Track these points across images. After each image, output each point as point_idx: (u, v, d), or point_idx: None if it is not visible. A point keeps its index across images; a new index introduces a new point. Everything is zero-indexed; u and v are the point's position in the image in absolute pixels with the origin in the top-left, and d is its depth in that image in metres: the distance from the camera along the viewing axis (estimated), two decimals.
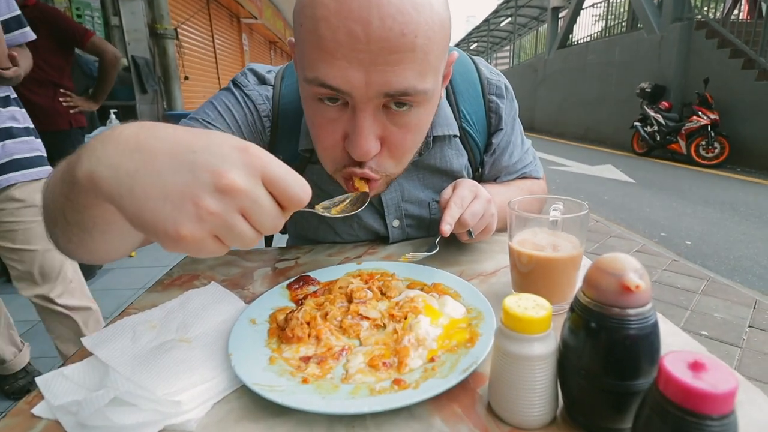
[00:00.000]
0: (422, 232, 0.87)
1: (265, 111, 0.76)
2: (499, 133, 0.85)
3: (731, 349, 1.92)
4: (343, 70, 0.50)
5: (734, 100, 6.56)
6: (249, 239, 0.37)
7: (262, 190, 0.36)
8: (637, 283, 0.32)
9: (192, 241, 0.34)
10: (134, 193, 0.34)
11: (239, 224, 0.35)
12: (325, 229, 0.86)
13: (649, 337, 0.33)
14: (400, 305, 0.56)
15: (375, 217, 0.84)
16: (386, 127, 0.56)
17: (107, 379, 0.45)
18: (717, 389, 0.25)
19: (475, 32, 27.37)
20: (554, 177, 6.13)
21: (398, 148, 0.59)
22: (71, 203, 0.42)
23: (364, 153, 0.55)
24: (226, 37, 9.08)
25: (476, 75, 0.84)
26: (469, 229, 0.67)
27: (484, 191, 0.69)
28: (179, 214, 0.34)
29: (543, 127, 13.07)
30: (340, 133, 0.57)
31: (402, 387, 0.42)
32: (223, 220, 0.34)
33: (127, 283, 2.80)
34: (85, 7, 5.00)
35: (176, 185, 0.34)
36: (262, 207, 0.36)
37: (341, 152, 0.59)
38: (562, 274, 0.55)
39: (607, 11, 11.17)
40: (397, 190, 0.82)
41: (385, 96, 0.53)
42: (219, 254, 0.37)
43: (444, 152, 0.81)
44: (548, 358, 0.36)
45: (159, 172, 0.34)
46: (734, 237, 3.50)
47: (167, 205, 0.34)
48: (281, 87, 0.77)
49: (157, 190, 0.34)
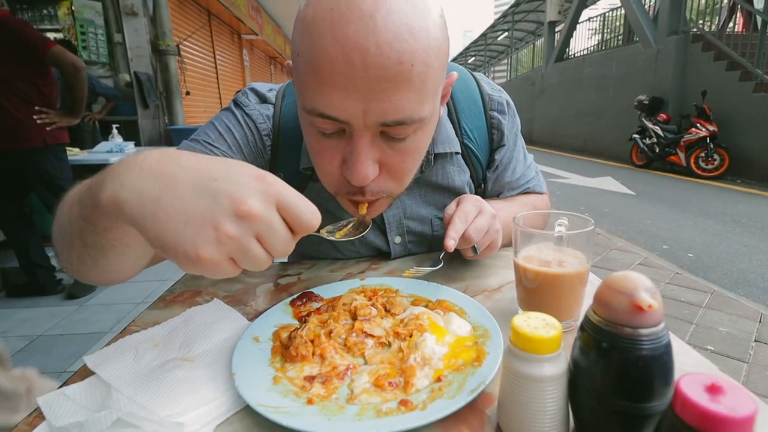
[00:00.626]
0: (424, 248, 0.86)
1: (265, 130, 0.76)
2: (502, 149, 0.85)
3: (738, 364, 1.90)
4: (341, 100, 0.50)
5: (732, 112, 6.60)
6: (262, 262, 0.39)
7: (276, 216, 0.38)
8: (649, 302, 0.32)
9: (210, 263, 0.37)
10: (157, 217, 0.37)
11: (254, 248, 0.38)
12: (327, 246, 0.85)
13: (662, 357, 0.33)
14: (405, 323, 0.55)
15: (377, 234, 0.83)
16: (384, 151, 0.56)
17: (109, 400, 0.44)
18: (736, 413, 0.25)
19: (472, 46, 27.70)
20: (554, 189, 6.14)
21: (397, 171, 0.59)
22: (91, 225, 0.43)
23: (361, 179, 0.55)
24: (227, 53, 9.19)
25: (477, 91, 0.84)
26: (474, 246, 0.66)
27: (488, 206, 0.69)
28: (199, 237, 0.36)
29: (541, 139, 13.14)
30: (338, 160, 0.57)
31: (409, 408, 0.41)
32: (240, 243, 0.37)
33: (126, 297, 2.78)
34: (88, 24, 5.08)
35: (197, 210, 0.36)
36: (276, 232, 0.38)
37: (340, 178, 0.59)
38: (569, 290, 0.54)
39: (603, 25, 11.31)
40: (399, 207, 0.81)
41: (383, 125, 0.52)
42: (232, 275, 0.39)
43: (446, 169, 0.81)
44: (559, 379, 0.36)
45: (181, 198, 0.37)
46: (736, 249, 3.48)
47: (188, 228, 0.36)
48: (282, 106, 0.78)
49: (179, 215, 0.36)
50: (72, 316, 2.54)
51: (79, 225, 0.45)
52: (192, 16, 7.22)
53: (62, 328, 2.41)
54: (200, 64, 7.62)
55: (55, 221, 0.51)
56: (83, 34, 5.03)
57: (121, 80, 5.28)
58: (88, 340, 2.28)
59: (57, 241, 0.52)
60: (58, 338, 2.31)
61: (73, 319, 2.49)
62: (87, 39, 5.07)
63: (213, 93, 8.31)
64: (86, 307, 2.65)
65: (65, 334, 2.35)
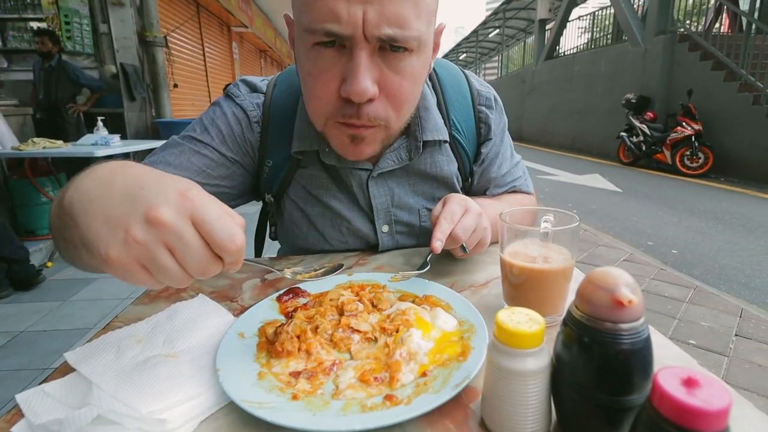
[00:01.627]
0: (412, 239, 0.87)
1: (255, 117, 0.79)
2: (488, 143, 0.87)
3: (719, 358, 1.94)
4: (342, 7, 0.53)
5: (717, 112, 6.71)
6: (174, 273, 0.38)
7: (189, 230, 0.38)
8: (629, 297, 0.32)
9: (118, 264, 0.38)
10: (87, 215, 0.40)
11: (163, 257, 0.38)
12: (315, 236, 0.85)
13: (641, 351, 0.33)
14: (392, 318, 0.55)
15: (364, 221, 0.83)
16: (382, 71, 0.59)
17: (90, 396, 0.43)
18: (711, 406, 0.25)
19: (464, 43, 27.71)
20: (542, 186, 6.19)
21: (395, 94, 0.61)
22: (63, 223, 0.46)
23: (361, 91, 0.57)
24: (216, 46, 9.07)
25: (467, 86, 0.86)
26: (462, 245, 0.66)
27: (474, 205, 0.69)
28: (111, 237, 0.38)
29: (531, 136, 13.23)
30: (336, 81, 0.59)
31: (394, 403, 0.41)
32: (147, 249, 0.37)
33: (111, 293, 2.75)
34: (73, 14, 4.97)
35: (116, 213, 0.38)
36: (186, 245, 0.38)
37: (336, 101, 0.61)
38: (554, 285, 0.55)
39: (592, 24, 11.41)
40: (387, 194, 0.82)
41: (381, 39, 0.56)
42: (152, 287, 0.40)
43: (434, 158, 0.82)
44: (541, 373, 0.36)
45: (110, 201, 0.39)
46: (719, 246, 3.56)
47: (104, 227, 0.38)
48: (273, 93, 0.80)
49: (102, 215, 0.39)
50: (56, 311, 2.50)
51: (57, 223, 0.49)
52: (180, 7, 7.10)
53: (46, 324, 2.37)
54: (188, 56, 7.51)
55: (49, 218, 0.55)
56: (68, 24, 4.93)
57: (106, 72, 5.19)
58: (72, 336, 2.24)
59: (54, 236, 0.54)
60: (41, 334, 2.27)
61: (57, 315, 2.46)
62: (71, 29, 4.96)
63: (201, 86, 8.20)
64: (70, 303, 2.61)
65: (49, 330, 2.31)
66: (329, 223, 0.83)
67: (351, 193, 0.82)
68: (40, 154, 3.04)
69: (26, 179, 3.39)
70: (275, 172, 0.82)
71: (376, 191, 0.81)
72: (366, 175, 0.80)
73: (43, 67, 4.25)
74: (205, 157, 0.76)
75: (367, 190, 0.81)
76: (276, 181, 0.83)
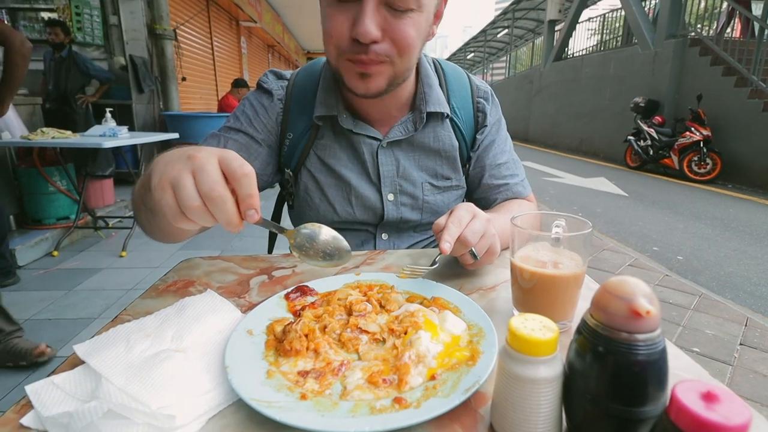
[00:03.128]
0: (415, 213, 0.92)
1: (279, 95, 0.91)
2: (484, 130, 0.95)
3: (723, 366, 1.93)
4: None
5: (727, 118, 6.66)
6: (189, 192, 0.47)
7: (213, 162, 0.48)
8: (647, 308, 0.32)
9: (158, 186, 0.49)
10: (157, 167, 0.53)
11: (185, 178, 0.48)
12: (325, 207, 0.92)
13: (657, 363, 0.33)
14: (400, 319, 0.55)
15: (372, 190, 0.91)
16: (387, 19, 0.70)
17: (99, 390, 0.43)
18: (730, 422, 0.25)
19: (472, 42, 27.60)
20: (548, 188, 6.17)
21: (398, 38, 0.71)
22: (146, 191, 0.62)
23: (365, 32, 0.68)
24: (225, 40, 9.08)
25: (467, 80, 0.97)
26: (472, 251, 0.66)
27: (482, 212, 0.69)
28: (161, 171, 0.50)
29: (537, 137, 13.18)
30: (348, 23, 0.70)
31: (403, 406, 0.41)
32: (177, 172, 0.48)
33: (116, 283, 2.76)
34: (84, 5, 4.99)
35: (174, 159, 0.51)
36: (205, 170, 0.48)
37: (348, 40, 0.71)
38: (565, 291, 0.54)
39: (602, 26, 11.33)
40: (394, 164, 0.90)
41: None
42: (175, 214, 0.49)
43: (437, 132, 0.91)
44: (554, 381, 0.36)
45: (173, 155, 0.53)
46: (725, 253, 3.53)
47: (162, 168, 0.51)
48: (295, 78, 0.93)
49: (165, 162, 0.52)
50: (61, 300, 2.52)
51: (141, 193, 0.67)
52: (190, 0, 7.11)
53: (51, 313, 2.39)
54: (197, 49, 7.53)
55: (132, 195, 0.75)
56: (78, 15, 4.94)
57: (116, 63, 5.21)
58: (76, 325, 2.26)
59: (135, 210, 0.74)
60: (45, 323, 2.29)
61: (62, 304, 2.47)
62: (82, 20, 4.98)
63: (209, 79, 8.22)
64: (75, 292, 2.63)
65: (53, 319, 2.33)
66: (340, 192, 0.91)
67: (362, 161, 0.90)
68: (48, 143, 3.05)
69: (34, 168, 3.41)
70: (295, 145, 0.91)
71: (384, 159, 0.90)
72: (376, 144, 0.89)
73: (54, 57, 4.27)
74: (237, 143, 0.88)
75: (377, 158, 0.90)
76: (295, 154, 0.92)
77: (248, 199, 0.49)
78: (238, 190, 0.49)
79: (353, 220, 0.92)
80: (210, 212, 0.48)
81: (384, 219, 0.91)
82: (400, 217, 0.92)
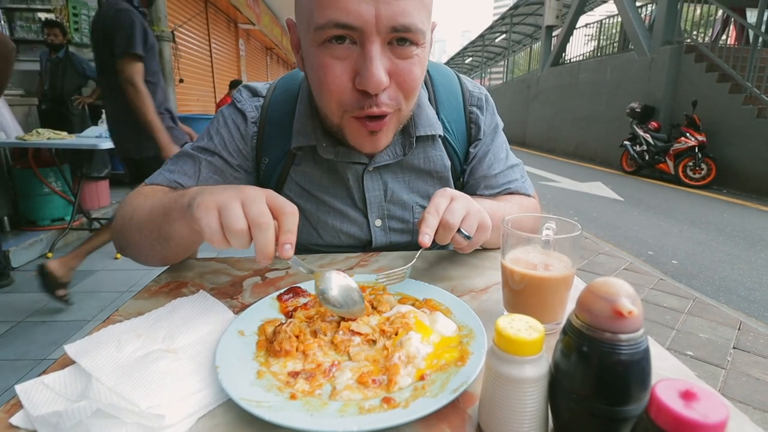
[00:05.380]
0: (406, 236, 0.87)
1: (253, 118, 0.84)
2: (478, 143, 0.89)
3: (716, 370, 1.94)
4: (354, 4, 0.57)
5: (721, 123, 6.71)
6: (236, 216, 0.51)
7: (261, 197, 0.53)
8: (629, 308, 0.32)
9: (202, 205, 0.53)
10: (201, 194, 0.56)
11: (234, 204, 0.51)
12: (309, 231, 0.87)
13: (640, 362, 0.33)
14: (391, 320, 0.55)
15: (357, 215, 0.85)
16: (392, 61, 0.63)
17: (89, 390, 0.43)
18: (708, 419, 0.26)
19: (470, 46, 27.71)
20: (544, 192, 6.19)
21: (405, 80, 0.65)
22: (168, 218, 0.63)
23: (376, 82, 0.60)
24: (223, 42, 9.09)
25: (458, 87, 0.88)
26: (461, 231, 0.63)
27: (461, 194, 0.67)
28: (209, 195, 0.54)
29: (534, 142, 13.23)
30: (349, 74, 0.63)
31: (391, 406, 0.42)
32: (227, 197, 0.52)
33: (110, 285, 2.75)
34: (81, 6, 4.99)
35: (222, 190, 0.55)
36: (255, 200, 0.52)
37: (351, 93, 0.64)
38: (554, 293, 0.55)
39: (599, 32, 11.42)
40: (381, 188, 0.84)
41: (392, 31, 0.60)
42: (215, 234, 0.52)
43: (427, 153, 0.85)
44: (540, 381, 0.36)
45: (220, 188, 0.56)
46: (719, 258, 3.55)
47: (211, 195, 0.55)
48: (272, 96, 0.85)
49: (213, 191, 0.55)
50: (54, 303, 2.51)
51: (159, 219, 0.65)
52: (188, 2, 7.12)
53: (44, 315, 2.37)
54: (195, 51, 7.53)
55: (130, 216, 0.72)
56: (75, 15, 4.94)
57: None
58: (70, 327, 2.25)
59: (130, 231, 0.72)
60: (39, 325, 2.28)
61: (56, 306, 2.46)
62: (79, 21, 4.98)
63: (207, 81, 8.22)
64: (70, 295, 2.61)
65: (47, 321, 2.31)
66: (323, 218, 0.85)
67: (346, 187, 0.84)
68: (44, 144, 3.05)
69: (29, 169, 3.40)
70: (271, 170, 0.85)
71: (370, 185, 0.83)
72: (362, 169, 0.82)
73: (50, 58, 4.26)
74: (212, 165, 0.83)
75: (362, 183, 0.83)
76: (272, 179, 0.86)
77: (288, 234, 0.52)
78: (282, 224, 0.52)
79: (339, 244, 0.87)
80: (250, 237, 0.51)
81: (372, 245, 0.86)
82: (390, 242, 0.87)
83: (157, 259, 0.74)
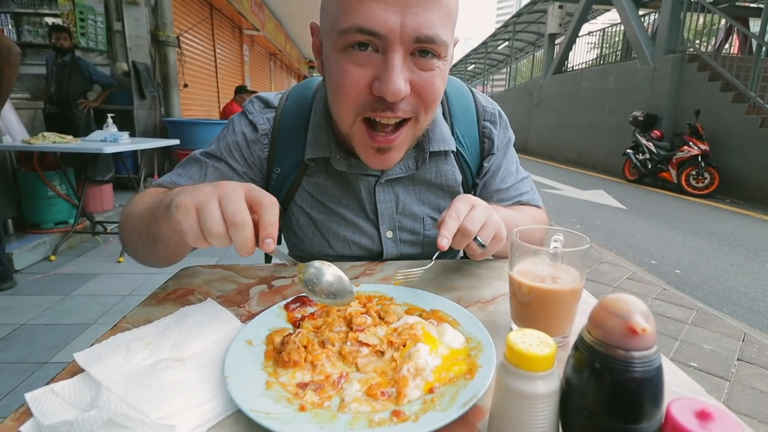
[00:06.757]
0: (416, 248, 0.88)
1: (264, 130, 0.84)
2: (491, 158, 0.90)
3: (720, 382, 1.93)
4: (381, 12, 0.57)
5: (724, 132, 6.71)
6: (213, 218, 0.50)
7: (239, 191, 0.51)
8: (643, 326, 0.32)
9: (182, 205, 0.51)
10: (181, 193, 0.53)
11: (211, 202, 0.50)
12: (320, 242, 0.87)
13: (653, 380, 0.33)
14: (399, 332, 0.55)
15: (369, 227, 0.86)
16: (413, 71, 0.63)
17: (99, 398, 0.43)
18: None
19: (473, 54, 27.83)
20: (546, 200, 6.19)
21: (426, 92, 0.65)
22: (155, 219, 0.61)
23: (395, 91, 0.60)
24: (228, 47, 9.15)
25: (472, 101, 0.89)
26: (477, 239, 0.65)
27: (482, 201, 0.68)
28: (188, 194, 0.52)
29: (536, 149, 13.24)
30: (367, 78, 0.62)
31: (401, 419, 0.42)
32: (205, 196, 0.51)
33: (113, 289, 2.75)
34: (88, 11, 5.04)
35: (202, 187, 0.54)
36: (231, 197, 0.51)
37: (367, 97, 0.64)
38: (562, 306, 0.55)
39: (602, 40, 11.45)
40: (393, 200, 0.85)
41: (416, 41, 0.60)
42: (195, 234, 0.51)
43: (440, 168, 0.85)
44: (551, 397, 0.36)
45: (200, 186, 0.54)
46: (723, 267, 3.54)
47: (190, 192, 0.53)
48: (284, 106, 0.85)
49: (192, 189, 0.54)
50: (57, 306, 2.51)
51: (148, 219, 0.64)
52: (194, 8, 7.18)
53: (46, 318, 2.38)
54: (200, 57, 7.58)
55: (127, 217, 0.73)
56: (82, 20, 4.99)
57: (118, 69, 5.24)
58: (72, 330, 2.25)
59: (129, 231, 0.71)
60: (41, 328, 2.28)
61: (58, 309, 2.46)
62: (86, 26, 5.02)
63: (211, 87, 8.27)
64: (72, 298, 2.62)
65: (49, 324, 2.31)
66: (334, 228, 0.85)
67: (358, 198, 0.85)
68: (49, 148, 3.06)
69: (34, 172, 3.41)
70: (283, 180, 0.86)
71: (382, 196, 0.84)
72: (374, 181, 0.83)
73: (56, 62, 4.30)
74: (219, 171, 0.83)
75: (374, 195, 0.84)
76: (283, 188, 0.86)
77: (268, 227, 0.51)
78: (261, 217, 0.51)
79: (350, 255, 0.87)
80: (229, 236, 0.50)
81: (383, 256, 0.87)
82: (400, 254, 0.87)
83: (152, 259, 0.74)
